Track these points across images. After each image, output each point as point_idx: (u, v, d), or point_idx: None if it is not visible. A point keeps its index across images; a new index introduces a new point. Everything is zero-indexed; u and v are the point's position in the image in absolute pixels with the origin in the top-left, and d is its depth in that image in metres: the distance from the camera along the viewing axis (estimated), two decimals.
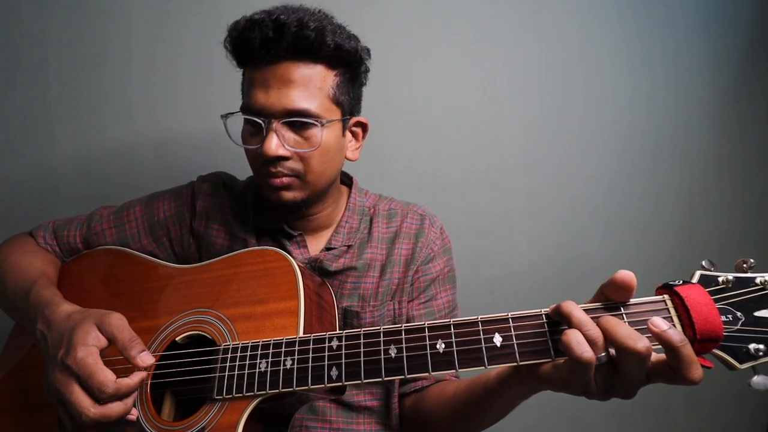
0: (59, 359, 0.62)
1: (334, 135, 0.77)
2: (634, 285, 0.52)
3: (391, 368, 0.58)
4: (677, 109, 1.34)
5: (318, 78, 0.74)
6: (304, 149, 0.75)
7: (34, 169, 1.17)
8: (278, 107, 0.72)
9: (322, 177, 0.79)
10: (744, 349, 0.50)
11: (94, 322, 0.64)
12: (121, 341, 0.63)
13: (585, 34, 1.28)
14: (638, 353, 0.47)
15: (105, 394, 0.59)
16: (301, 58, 0.72)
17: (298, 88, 0.72)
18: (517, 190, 1.31)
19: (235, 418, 0.62)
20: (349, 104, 0.79)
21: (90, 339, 0.62)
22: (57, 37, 1.15)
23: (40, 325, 0.68)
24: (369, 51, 0.81)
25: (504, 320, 0.56)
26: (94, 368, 0.60)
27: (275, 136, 0.73)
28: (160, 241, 0.88)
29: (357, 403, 0.83)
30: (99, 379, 0.59)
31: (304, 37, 0.70)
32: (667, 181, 1.36)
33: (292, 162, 0.75)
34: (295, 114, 0.73)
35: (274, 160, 0.74)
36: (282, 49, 0.71)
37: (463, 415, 0.72)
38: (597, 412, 1.37)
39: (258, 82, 0.74)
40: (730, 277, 0.53)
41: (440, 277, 0.88)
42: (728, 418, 1.44)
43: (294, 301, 0.68)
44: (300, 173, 0.76)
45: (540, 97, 1.29)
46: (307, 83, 0.73)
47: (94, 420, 0.59)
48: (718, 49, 1.33)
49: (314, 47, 0.71)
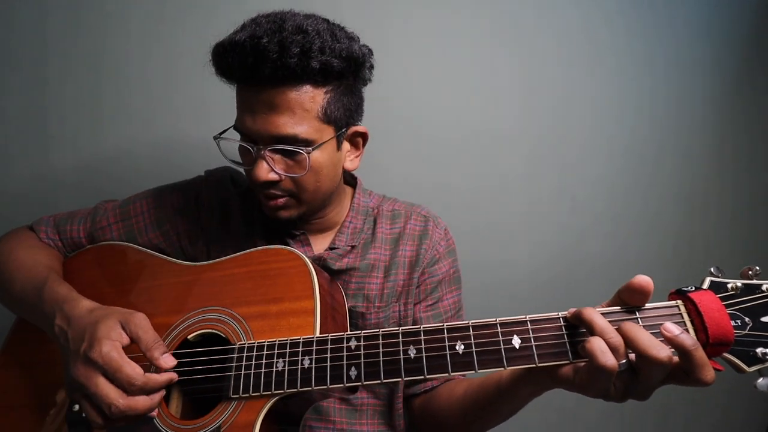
0: (82, 353, 0.62)
1: (327, 154, 0.75)
2: (651, 289, 0.53)
3: (410, 369, 0.59)
4: (679, 111, 1.34)
5: (305, 99, 0.69)
6: (294, 173, 0.73)
7: (31, 169, 1.15)
8: (264, 134, 0.70)
9: (318, 194, 0.78)
10: (751, 352, 0.52)
11: (118, 320, 0.65)
12: (145, 341, 0.64)
13: (586, 36, 1.29)
14: (661, 362, 0.49)
15: (135, 386, 0.60)
16: (284, 84, 0.68)
17: (284, 113, 0.69)
18: (520, 193, 1.31)
19: (252, 417, 0.62)
20: (345, 116, 0.75)
21: (114, 334, 0.63)
22: (55, 38, 1.13)
23: (59, 320, 0.68)
24: (370, 50, 0.78)
25: (522, 323, 0.57)
26: (122, 361, 0.61)
27: (264, 163, 0.72)
28: (167, 235, 0.87)
29: (360, 400, 0.84)
30: (128, 372, 0.60)
31: (284, 66, 0.66)
32: (670, 184, 1.36)
33: (284, 183, 0.75)
34: (282, 141, 0.70)
35: (264, 185, 0.74)
36: (263, 76, 0.67)
37: (475, 413, 0.74)
38: (597, 412, 1.39)
39: (244, 105, 0.72)
40: (739, 284, 0.55)
41: (446, 279, 0.89)
42: (728, 418, 1.46)
43: (309, 301, 0.68)
44: (294, 193, 0.76)
45: (541, 101, 1.29)
46: (294, 107, 0.69)
47: (122, 411, 0.60)
48: (719, 51, 1.33)
49: (297, 73, 0.67)
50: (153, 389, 0.62)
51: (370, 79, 0.80)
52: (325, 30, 0.69)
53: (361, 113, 0.81)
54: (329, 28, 0.71)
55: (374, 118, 0.85)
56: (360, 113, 0.80)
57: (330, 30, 0.70)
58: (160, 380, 0.63)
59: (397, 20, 1.22)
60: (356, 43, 0.74)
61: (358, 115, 0.80)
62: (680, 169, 1.36)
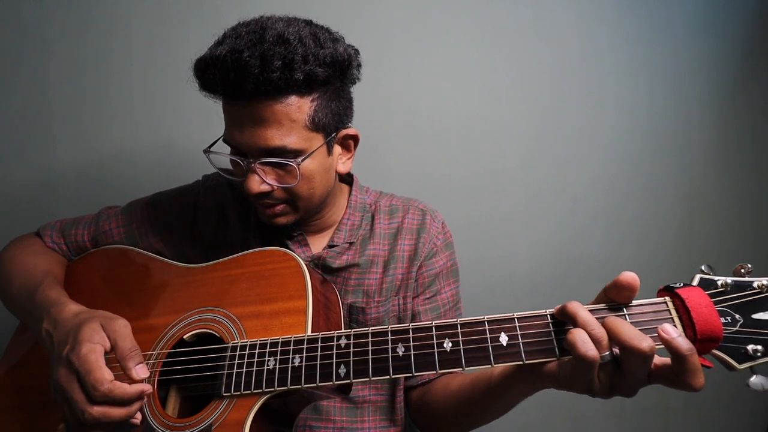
0: (64, 355, 0.62)
1: (318, 161, 0.75)
2: (637, 286, 0.53)
3: (398, 366, 0.59)
4: (677, 110, 1.34)
5: (292, 111, 0.69)
6: (286, 183, 0.74)
7: (34, 170, 1.17)
8: (253, 147, 0.70)
9: (313, 199, 0.78)
10: (742, 350, 0.52)
11: (100, 323, 0.64)
12: (121, 349, 0.62)
13: (585, 35, 1.29)
14: (642, 353, 0.49)
15: (97, 392, 0.58)
16: (268, 97, 0.68)
17: (271, 126, 0.69)
18: (518, 192, 1.31)
19: (243, 415, 0.63)
20: (334, 121, 0.75)
21: (96, 338, 0.62)
22: (57, 38, 1.15)
23: (46, 324, 0.68)
24: (356, 50, 0.76)
25: (510, 320, 0.58)
26: (95, 365, 0.59)
27: (256, 176, 0.72)
28: (167, 239, 0.89)
29: (362, 398, 0.84)
30: (95, 376, 0.59)
31: (267, 81, 0.65)
32: (667, 183, 1.36)
33: (277, 193, 0.75)
34: (271, 153, 0.71)
35: (259, 196, 0.75)
36: (246, 91, 0.67)
37: (466, 409, 0.74)
38: (597, 412, 1.38)
39: (231, 119, 0.72)
40: (729, 281, 0.55)
41: (443, 272, 0.89)
42: (728, 418, 1.44)
43: (302, 300, 0.69)
44: (288, 200, 0.77)
45: (540, 99, 1.30)
46: (281, 119, 0.69)
47: (96, 419, 0.59)
48: (718, 50, 1.33)
49: (280, 86, 0.66)
50: (119, 398, 0.59)
51: (358, 78, 0.78)
52: (307, 36, 0.68)
53: (351, 115, 0.80)
54: (312, 32, 0.70)
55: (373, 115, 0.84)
56: (349, 115, 0.80)
57: (312, 35, 0.69)
58: (128, 390, 0.60)
59: (396, 18, 1.24)
60: (341, 45, 0.73)
61: (347, 117, 0.79)
62: (679, 168, 1.36)
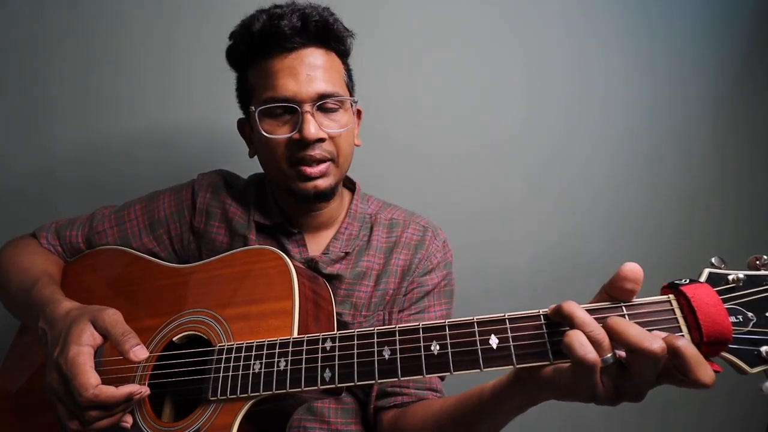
0: (55, 358, 0.62)
1: (351, 117, 0.81)
2: (641, 278, 0.49)
3: (384, 370, 0.56)
4: (676, 106, 1.33)
5: (337, 63, 0.80)
6: (337, 130, 0.77)
7: (32, 168, 1.17)
8: (311, 92, 0.74)
9: (348, 159, 0.82)
10: (755, 351, 0.47)
11: (89, 319, 0.63)
12: (114, 336, 0.62)
13: (584, 33, 1.27)
14: (653, 354, 0.44)
15: (82, 398, 0.57)
16: (322, 45, 0.77)
17: (327, 72, 0.76)
18: (514, 188, 1.29)
19: (230, 419, 0.61)
20: (352, 90, 0.85)
21: (84, 338, 0.61)
22: (55, 36, 1.15)
23: (42, 322, 0.69)
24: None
25: (501, 321, 0.54)
26: (80, 369, 0.59)
27: (314, 120, 0.74)
28: (160, 239, 0.88)
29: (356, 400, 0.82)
30: (80, 381, 0.58)
31: (325, 23, 0.76)
32: (665, 178, 1.34)
33: (327, 144, 0.77)
34: (327, 97, 0.75)
35: (313, 145, 0.75)
36: (310, 34, 0.75)
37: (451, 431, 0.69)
38: (597, 412, 1.36)
39: (283, 71, 0.75)
40: (741, 275, 0.49)
41: (436, 291, 0.86)
42: (728, 418, 1.43)
43: (288, 301, 0.67)
44: (334, 156, 0.78)
45: (540, 99, 1.27)
46: (330, 68, 0.77)
47: (84, 422, 0.59)
48: (717, 49, 1.33)
49: (333, 34, 0.78)
50: (105, 403, 0.58)
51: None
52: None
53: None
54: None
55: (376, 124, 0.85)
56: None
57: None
58: (115, 394, 0.58)
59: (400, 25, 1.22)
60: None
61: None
62: (677, 163, 1.35)
